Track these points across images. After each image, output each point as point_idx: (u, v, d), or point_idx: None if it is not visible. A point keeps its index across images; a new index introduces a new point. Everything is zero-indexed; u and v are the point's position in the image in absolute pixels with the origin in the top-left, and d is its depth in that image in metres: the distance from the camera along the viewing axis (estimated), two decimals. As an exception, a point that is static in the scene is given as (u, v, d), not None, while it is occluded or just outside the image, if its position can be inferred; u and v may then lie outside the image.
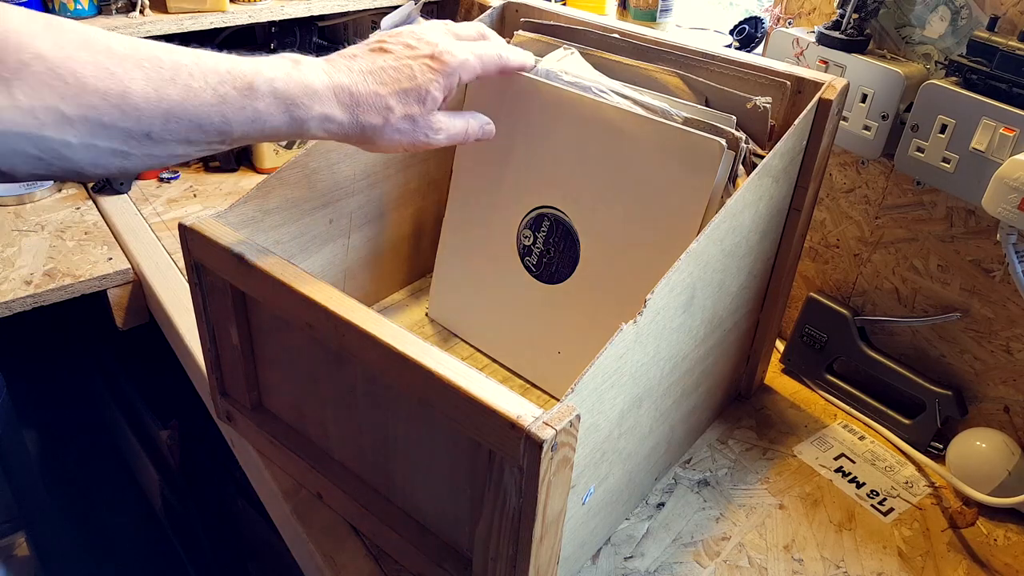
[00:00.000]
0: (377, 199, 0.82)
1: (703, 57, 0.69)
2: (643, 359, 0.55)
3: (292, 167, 0.70)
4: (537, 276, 0.75)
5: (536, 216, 0.73)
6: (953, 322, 0.75)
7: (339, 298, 0.54)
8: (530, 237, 0.74)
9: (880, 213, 0.78)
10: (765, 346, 0.79)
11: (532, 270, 0.76)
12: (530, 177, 0.73)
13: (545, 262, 0.74)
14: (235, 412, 0.72)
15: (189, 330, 0.89)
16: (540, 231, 0.73)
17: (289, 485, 0.70)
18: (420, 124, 0.58)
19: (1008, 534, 0.70)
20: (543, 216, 0.72)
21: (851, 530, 0.69)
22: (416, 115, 0.57)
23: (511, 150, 0.73)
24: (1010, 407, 0.74)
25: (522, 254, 0.76)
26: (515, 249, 0.76)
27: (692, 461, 0.75)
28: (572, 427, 0.46)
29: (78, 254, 1.03)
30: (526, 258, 0.76)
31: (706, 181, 0.59)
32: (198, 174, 1.27)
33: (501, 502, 0.49)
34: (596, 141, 0.66)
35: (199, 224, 0.61)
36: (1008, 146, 0.63)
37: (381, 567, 0.64)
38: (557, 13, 0.79)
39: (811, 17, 0.80)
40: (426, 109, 0.58)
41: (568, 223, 0.71)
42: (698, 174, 0.59)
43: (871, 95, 0.72)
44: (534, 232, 0.74)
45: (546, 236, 0.73)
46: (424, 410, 0.54)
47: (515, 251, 0.76)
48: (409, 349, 0.49)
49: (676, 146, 0.59)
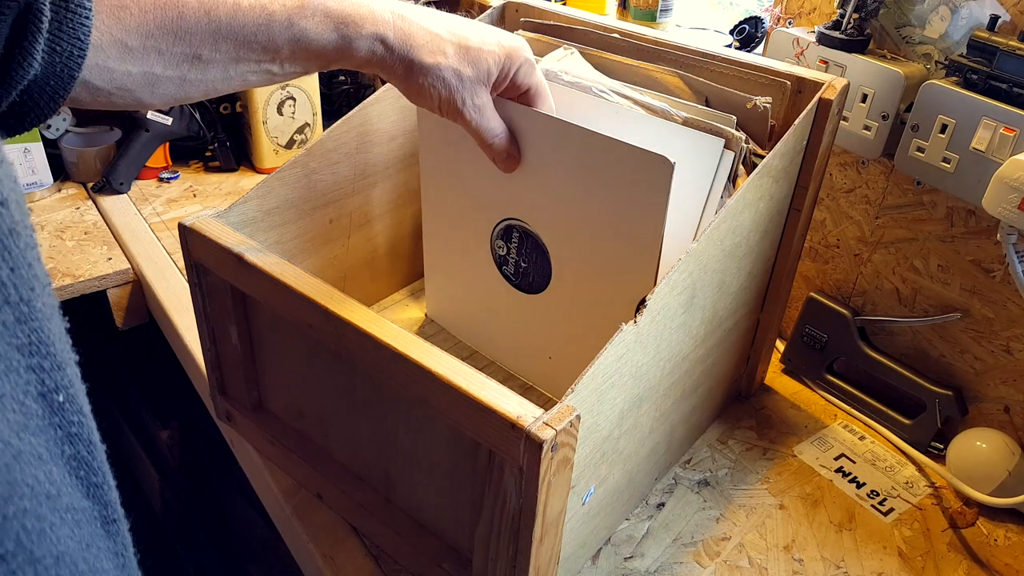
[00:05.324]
0: (377, 199, 0.82)
1: (703, 57, 0.69)
2: (643, 359, 0.55)
3: (292, 167, 0.70)
4: (516, 286, 0.74)
5: (505, 227, 0.71)
6: (953, 322, 0.75)
7: (339, 298, 0.54)
8: (503, 247, 0.72)
9: (880, 213, 0.78)
10: (765, 346, 0.79)
11: (511, 279, 0.74)
12: (494, 189, 0.71)
13: (522, 272, 0.72)
14: (235, 412, 0.72)
15: (189, 330, 0.89)
16: (512, 242, 0.72)
17: (289, 485, 0.70)
18: (466, 87, 0.56)
19: (1008, 534, 0.70)
20: (512, 228, 0.71)
21: (851, 530, 0.69)
22: (466, 76, 0.55)
23: (475, 161, 0.70)
24: (1010, 407, 0.74)
25: (499, 263, 0.74)
26: (492, 259, 0.75)
27: (692, 461, 0.75)
28: (572, 427, 0.46)
29: (78, 254, 1.03)
30: (503, 267, 0.74)
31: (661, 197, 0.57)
32: (198, 174, 1.27)
33: (501, 502, 0.49)
34: (556, 156, 0.64)
35: (199, 224, 0.61)
36: (1008, 146, 0.63)
37: (381, 567, 0.64)
38: (557, 13, 0.79)
39: (811, 17, 0.80)
40: (477, 78, 0.56)
41: (536, 235, 0.69)
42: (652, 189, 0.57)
43: (871, 95, 0.72)
44: (506, 243, 0.72)
45: (518, 247, 0.71)
46: (424, 410, 0.54)
47: (492, 261, 0.75)
48: (409, 349, 0.49)
49: (629, 164, 0.58)
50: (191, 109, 1.22)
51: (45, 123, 1.17)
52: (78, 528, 0.29)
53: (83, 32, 0.39)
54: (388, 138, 0.79)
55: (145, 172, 1.23)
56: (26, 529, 0.26)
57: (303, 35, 0.49)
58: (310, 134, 1.27)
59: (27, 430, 0.27)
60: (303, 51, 0.49)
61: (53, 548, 0.27)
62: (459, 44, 0.55)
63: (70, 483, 0.29)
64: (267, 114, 1.22)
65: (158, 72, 0.45)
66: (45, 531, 0.27)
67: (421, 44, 0.53)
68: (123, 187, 1.19)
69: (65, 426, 0.29)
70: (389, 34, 0.52)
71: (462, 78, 0.55)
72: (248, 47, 0.47)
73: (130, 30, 0.42)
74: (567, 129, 0.61)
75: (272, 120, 1.23)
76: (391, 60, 0.53)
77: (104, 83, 0.43)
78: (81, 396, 0.30)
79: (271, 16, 0.47)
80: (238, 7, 0.46)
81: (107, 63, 0.42)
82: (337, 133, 0.73)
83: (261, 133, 1.23)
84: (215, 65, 0.47)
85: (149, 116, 1.18)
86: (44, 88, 0.39)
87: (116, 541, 0.33)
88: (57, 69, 0.39)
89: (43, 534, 0.27)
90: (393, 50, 0.52)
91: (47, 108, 0.40)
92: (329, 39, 0.50)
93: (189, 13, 0.44)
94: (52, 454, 0.28)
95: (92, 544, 0.30)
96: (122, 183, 1.18)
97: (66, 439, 0.29)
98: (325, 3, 0.49)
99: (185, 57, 0.45)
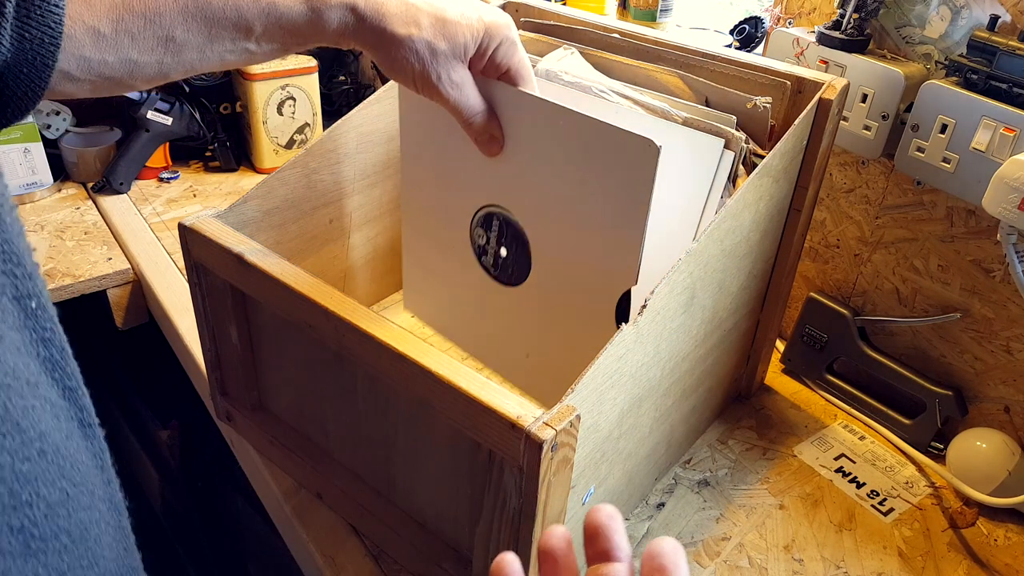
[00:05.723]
0: (377, 199, 0.82)
1: (703, 57, 0.69)
2: (643, 359, 0.55)
3: (292, 167, 0.70)
4: (496, 278, 0.71)
5: (485, 215, 0.69)
6: (953, 322, 0.75)
7: (339, 298, 0.54)
8: (483, 236, 0.70)
9: (880, 213, 0.78)
10: (765, 346, 0.79)
11: (490, 271, 0.71)
12: (474, 173, 0.68)
13: (501, 263, 0.70)
14: (235, 412, 0.72)
15: (189, 330, 0.89)
16: (491, 231, 0.69)
17: (289, 485, 0.70)
18: (440, 62, 0.54)
19: (1008, 534, 0.70)
20: (492, 215, 0.68)
21: (851, 530, 0.69)
22: (440, 50, 0.54)
23: (456, 144, 0.68)
24: (1010, 407, 0.74)
25: (478, 254, 0.71)
26: (471, 249, 0.72)
27: (692, 461, 0.75)
28: (572, 427, 0.46)
29: (78, 254, 1.03)
30: (482, 258, 0.71)
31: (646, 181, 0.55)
32: (198, 174, 1.27)
33: (501, 502, 0.49)
34: (539, 138, 0.62)
35: (199, 224, 0.61)
36: (1008, 146, 0.63)
37: (381, 567, 0.64)
38: (557, 13, 0.79)
39: (811, 17, 0.80)
40: (452, 52, 0.54)
41: (516, 223, 0.66)
42: (638, 171, 0.55)
43: (871, 95, 0.72)
44: (486, 231, 0.69)
45: (498, 236, 0.69)
46: (424, 410, 0.54)
47: (471, 251, 0.72)
48: (409, 349, 0.49)
49: (614, 147, 0.56)
50: (191, 109, 1.22)
51: (44, 123, 1.17)
52: (57, 420, 0.30)
53: (53, 20, 0.39)
54: (388, 138, 0.79)
55: (145, 172, 1.23)
56: (11, 400, 0.27)
57: (272, 9, 0.48)
58: (310, 134, 1.27)
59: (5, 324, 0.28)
60: (275, 26, 0.49)
61: (37, 425, 0.28)
62: (435, 16, 0.53)
63: (47, 382, 0.30)
64: (267, 114, 1.22)
65: (135, 58, 0.45)
66: (28, 408, 0.28)
67: (394, 14, 0.51)
68: (123, 187, 1.19)
69: (39, 331, 0.30)
70: (360, 3, 0.50)
71: (435, 52, 0.53)
72: (219, 25, 0.47)
73: (100, 16, 0.42)
74: (552, 110, 0.58)
75: (272, 120, 1.23)
76: (363, 31, 0.51)
77: (84, 73, 0.43)
78: (51, 307, 0.32)
79: None
80: None
81: (83, 52, 0.42)
82: (337, 133, 0.73)
83: (261, 133, 1.23)
84: (190, 47, 0.47)
85: (149, 116, 1.18)
86: (19, 76, 0.39)
87: (93, 444, 0.34)
88: (30, 56, 0.39)
89: (27, 410, 0.27)
90: (364, 19, 0.51)
91: (26, 99, 0.40)
92: (299, 11, 0.49)
93: None
94: (29, 352, 0.29)
95: (71, 437, 0.31)
96: (122, 183, 1.18)
97: (40, 342, 0.30)
98: None
99: (159, 40, 0.45)
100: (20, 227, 0.31)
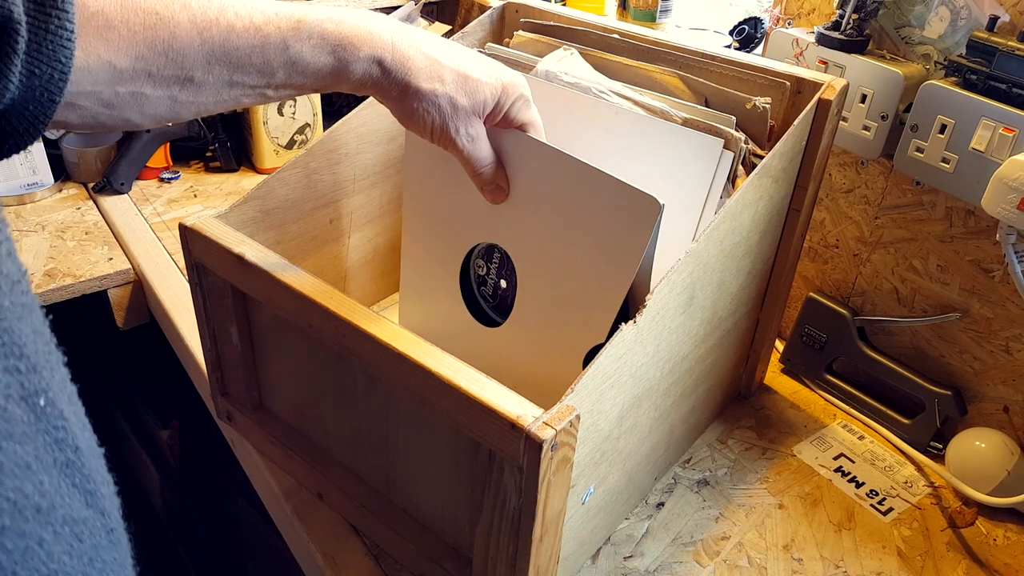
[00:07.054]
0: (377, 199, 0.82)
1: (703, 58, 0.69)
2: (643, 359, 0.55)
3: (292, 167, 0.70)
4: (492, 307, 0.72)
5: (488, 246, 0.69)
6: (952, 322, 0.75)
7: (339, 298, 0.54)
8: (483, 267, 0.70)
9: (879, 213, 0.79)
10: (765, 346, 0.79)
11: (488, 300, 0.72)
12: (473, 212, 0.68)
13: (500, 293, 0.70)
14: (235, 412, 0.72)
15: (189, 330, 0.89)
16: (492, 262, 0.69)
17: (289, 485, 0.70)
18: (460, 117, 0.55)
19: (1007, 534, 0.70)
20: (494, 247, 0.68)
21: (850, 530, 0.69)
22: (461, 106, 0.55)
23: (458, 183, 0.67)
24: (1009, 407, 0.74)
25: (478, 283, 0.72)
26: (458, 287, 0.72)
27: (692, 461, 0.75)
28: (572, 427, 0.46)
29: (78, 254, 1.03)
30: (481, 288, 0.72)
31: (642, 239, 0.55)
32: (198, 174, 1.27)
33: (501, 502, 0.50)
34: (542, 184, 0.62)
35: (200, 224, 0.61)
36: (1007, 146, 0.63)
37: (381, 567, 0.64)
38: (557, 13, 0.79)
39: (811, 17, 0.80)
40: (472, 108, 0.55)
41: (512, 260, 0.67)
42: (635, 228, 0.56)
43: (871, 95, 0.72)
44: (487, 263, 0.70)
45: (499, 268, 0.69)
46: (424, 410, 0.54)
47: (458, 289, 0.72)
48: (409, 349, 0.49)
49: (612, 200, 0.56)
50: (191, 109, 1.22)
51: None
52: (78, 542, 0.28)
53: (64, 55, 0.37)
54: (388, 138, 0.79)
55: (146, 172, 1.23)
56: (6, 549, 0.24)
57: (299, 58, 0.48)
58: (310, 134, 1.27)
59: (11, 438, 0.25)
60: (298, 74, 0.48)
61: (42, 567, 0.26)
62: (459, 72, 0.54)
63: (67, 492, 0.28)
64: (267, 114, 1.22)
65: (147, 92, 0.43)
66: (32, 548, 0.25)
67: (419, 68, 0.52)
68: (124, 187, 1.19)
69: (51, 431, 0.28)
70: (387, 56, 0.51)
71: (456, 107, 0.54)
72: (242, 70, 0.46)
73: (119, 51, 0.41)
74: (557, 157, 0.59)
75: (272, 120, 1.23)
76: (387, 83, 0.52)
77: (91, 103, 0.42)
78: (61, 400, 0.29)
79: (266, 38, 0.46)
80: (232, 29, 0.45)
81: (95, 85, 0.41)
82: (337, 133, 0.73)
83: (261, 133, 1.23)
84: (207, 87, 0.46)
85: (149, 116, 1.18)
86: (23, 113, 0.37)
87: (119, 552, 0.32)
88: (37, 93, 0.37)
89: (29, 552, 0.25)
90: (389, 73, 0.51)
91: (27, 135, 0.38)
92: (325, 62, 0.49)
93: (181, 34, 0.43)
94: (43, 462, 0.27)
95: (96, 558, 0.29)
96: (123, 183, 1.18)
97: (54, 445, 0.28)
98: (322, 25, 0.48)
99: (176, 79, 0.44)
100: (25, 304, 0.28)
